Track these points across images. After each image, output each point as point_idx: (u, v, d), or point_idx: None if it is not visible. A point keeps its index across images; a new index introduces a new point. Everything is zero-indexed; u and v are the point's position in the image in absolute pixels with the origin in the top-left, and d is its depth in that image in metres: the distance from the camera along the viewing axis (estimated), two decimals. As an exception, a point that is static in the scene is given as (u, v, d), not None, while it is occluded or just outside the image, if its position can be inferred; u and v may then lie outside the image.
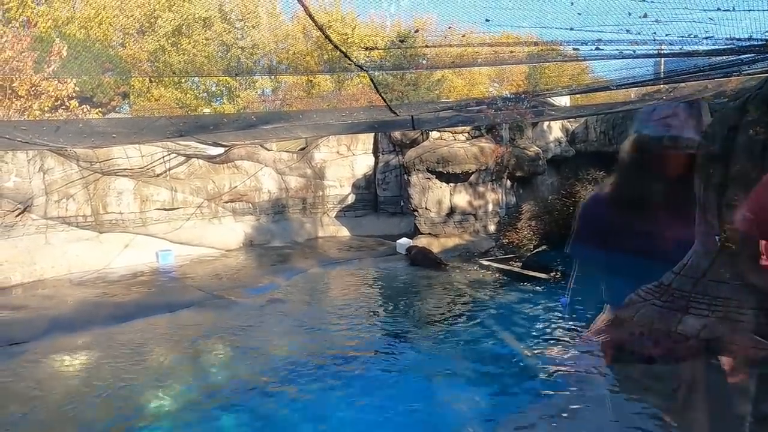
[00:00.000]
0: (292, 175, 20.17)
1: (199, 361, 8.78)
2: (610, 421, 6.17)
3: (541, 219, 15.61)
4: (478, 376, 7.87)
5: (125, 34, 24.14)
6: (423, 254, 15.17)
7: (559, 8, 3.04)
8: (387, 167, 20.55)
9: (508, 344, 9.13)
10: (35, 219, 14.78)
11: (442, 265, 14.59)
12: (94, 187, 16.03)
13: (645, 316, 8.05)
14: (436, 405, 7.06)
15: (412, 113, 8.87)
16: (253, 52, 26.80)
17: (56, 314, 11.04)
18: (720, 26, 3.07)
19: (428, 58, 6.03)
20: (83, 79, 17.91)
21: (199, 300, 11.91)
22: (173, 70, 23.08)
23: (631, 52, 3.75)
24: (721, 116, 7.50)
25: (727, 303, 7.25)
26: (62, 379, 8.15)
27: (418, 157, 16.25)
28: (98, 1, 20.14)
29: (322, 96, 26.08)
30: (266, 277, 14.09)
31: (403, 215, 19.78)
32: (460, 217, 16.51)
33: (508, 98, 9.04)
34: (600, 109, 13.37)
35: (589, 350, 8.60)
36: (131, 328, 10.15)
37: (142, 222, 16.87)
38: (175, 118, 12.89)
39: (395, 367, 8.28)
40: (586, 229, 3.57)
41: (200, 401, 7.29)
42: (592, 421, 6.31)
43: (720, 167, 7.53)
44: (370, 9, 36.25)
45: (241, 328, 10.16)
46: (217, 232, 18.19)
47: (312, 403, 7.16)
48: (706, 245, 7.49)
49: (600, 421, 6.22)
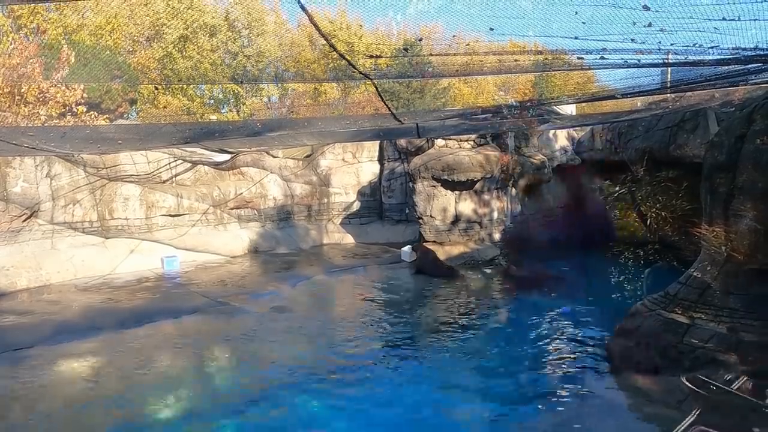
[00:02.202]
0: (297, 182, 20.21)
1: (202, 367, 8.76)
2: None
3: (547, 227, 15.56)
4: (482, 387, 7.82)
5: (134, 42, 24.33)
6: (430, 260, 15.04)
7: (563, 17, 3.03)
8: (392, 175, 20.56)
9: (514, 354, 9.07)
10: (42, 224, 14.86)
11: (450, 269, 14.56)
12: (101, 192, 16.11)
13: (651, 327, 8.00)
14: (437, 417, 7.00)
15: (417, 121, 8.89)
16: (258, 59, 26.95)
17: (61, 319, 11.06)
18: (725, 36, 3.06)
19: (434, 66, 6.05)
20: (92, 86, 18.05)
21: (203, 306, 11.91)
22: (180, 77, 23.24)
23: (636, 62, 3.74)
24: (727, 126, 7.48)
25: (733, 314, 7.20)
26: (66, 384, 8.14)
27: (424, 165, 16.25)
28: (109, 10, 20.32)
29: (328, 104, 26.18)
30: (271, 283, 14.09)
31: (408, 223, 19.76)
32: (465, 225, 16.47)
33: (514, 106, 9.03)
34: (606, 117, 13.36)
35: (593, 360, 8.54)
36: (135, 334, 10.15)
37: (148, 228, 16.93)
38: (181, 124, 12.97)
39: (398, 378, 8.23)
40: None
41: (204, 408, 7.27)
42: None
43: (727, 177, 7.49)
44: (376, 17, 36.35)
45: (245, 335, 10.14)
46: (223, 239, 18.23)
47: (314, 411, 7.13)
48: (712, 255, 7.43)
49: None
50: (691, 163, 12.66)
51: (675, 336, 6.75)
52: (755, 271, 6.53)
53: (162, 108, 24.65)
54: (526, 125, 11.25)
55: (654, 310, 7.33)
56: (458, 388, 7.76)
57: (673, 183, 14.00)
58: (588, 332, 10.05)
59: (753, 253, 6.53)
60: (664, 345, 6.81)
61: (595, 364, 8.43)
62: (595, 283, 13.33)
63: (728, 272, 6.80)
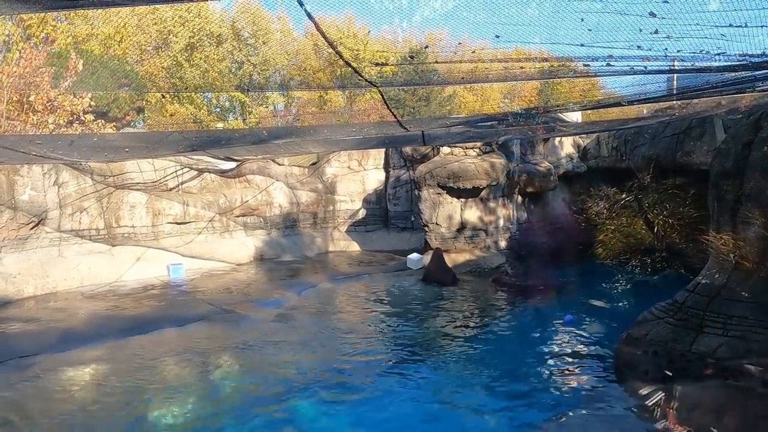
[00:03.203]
0: (303, 189, 20.25)
1: (207, 375, 8.75)
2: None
3: (552, 235, 15.52)
4: (485, 396, 7.78)
5: (141, 51, 24.55)
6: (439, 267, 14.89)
7: (569, 24, 3.04)
8: (398, 182, 20.57)
9: (518, 363, 9.03)
10: (49, 232, 14.93)
11: (455, 279, 14.52)
12: (108, 200, 16.19)
13: (659, 335, 7.92)
14: (445, 426, 6.96)
15: (422, 128, 8.90)
16: (264, 68, 27.12)
17: (67, 327, 11.08)
18: (732, 42, 3.05)
19: (439, 73, 6.06)
20: (99, 94, 18.20)
21: (208, 314, 11.91)
22: (187, 86, 23.41)
23: (643, 68, 3.74)
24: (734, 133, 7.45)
25: (742, 322, 7.13)
26: (71, 391, 8.15)
27: (429, 173, 16.25)
28: (117, 20, 20.54)
29: (334, 111, 26.29)
30: (276, 291, 14.08)
31: (414, 230, 19.74)
32: (471, 232, 16.44)
33: (520, 114, 9.03)
34: (612, 125, 13.34)
35: (600, 369, 8.48)
36: (141, 342, 10.16)
37: (154, 235, 16.98)
38: (187, 132, 13.03)
39: (404, 386, 8.20)
40: None
41: (208, 415, 7.26)
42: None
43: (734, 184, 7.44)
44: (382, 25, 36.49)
45: (250, 343, 10.13)
46: (228, 246, 18.26)
47: (318, 419, 7.11)
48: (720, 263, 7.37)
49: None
50: (698, 171, 12.62)
51: (683, 344, 6.70)
52: (764, 279, 6.47)
53: (170, 116, 24.82)
54: (531, 133, 11.24)
55: (662, 318, 7.28)
56: (461, 398, 7.71)
57: (679, 190, 13.95)
58: (593, 340, 9.99)
59: (761, 261, 6.48)
60: (672, 353, 6.75)
61: (601, 372, 8.37)
62: (601, 291, 13.25)
63: (737, 280, 6.74)
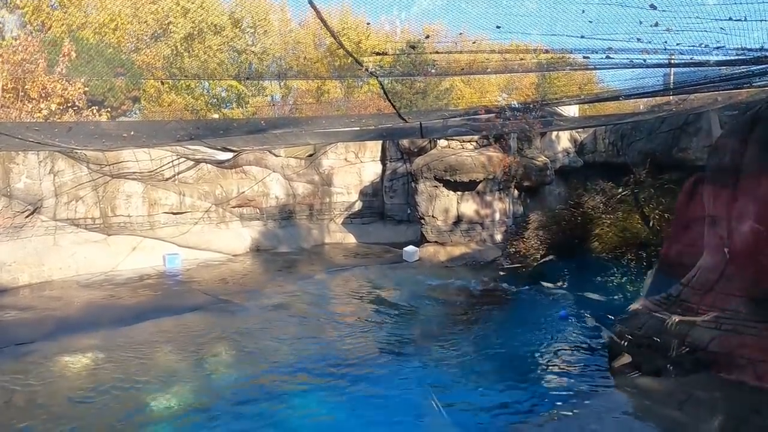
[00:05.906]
0: (299, 181, 20.23)
1: (202, 364, 8.77)
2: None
3: (548, 229, 15.56)
4: (479, 390, 7.82)
5: (138, 40, 24.35)
6: None
7: (570, 16, 3.04)
8: (394, 175, 20.57)
9: (513, 355, 9.07)
10: (44, 220, 14.88)
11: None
12: (104, 189, 16.13)
13: (652, 328, 7.97)
14: (434, 419, 6.99)
15: (420, 121, 8.90)
16: (263, 57, 26.98)
17: (63, 315, 11.08)
18: (731, 36, 3.06)
19: (437, 65, 6.06)
20: (94, 82, 18.09)
21: (204, 304, 11.93)
22: (185, 74, 23.27)
23: (642, 61, 3.75)
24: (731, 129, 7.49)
25: (735, 315, 7.18)
26: (67, 379, 8.16)
27: (426, 165, 16.25)
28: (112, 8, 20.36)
29: (331, 103, 26.21)
30: (272, 282, 14.10)
31: (410, 223, 19.76)
32: (467, 226, 16.47)
33: (517, 108, 9.03)
34: (609, 119, 13.37)
35: (593, 362, 8.54)
36: (137, 331, 10.16)
37: (150, 225, 16.95)
38: (185, 121, 12.99)
39: (396, 376, 8.24)
40: None
41: (204, 404, 7.28)
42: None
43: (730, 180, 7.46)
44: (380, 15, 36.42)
45: (246, 333, 10.15)
46: (224, 237, 18.24)
47: (312, 408, 7.15)
48: (714, 258, 7.42)
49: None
50: (694, 166, 12.67)
51: (676, 338, 6.75)
52: (757, 273, 6.52)
53: (167, 106, 24.68)
54: (529, 126, 11.26)
55: (656, 312, 7.33)
56: (455, 392, 7.75)
57: (675, 185, 14.00)
58: (587, 333, 10.04)
59: (755, 255, 6.53)
60: (666, 346, 6.81)
61: (595, 365, 8.42)
62: (596, 285, 13.32)
63: (731, 274, 6.80)
